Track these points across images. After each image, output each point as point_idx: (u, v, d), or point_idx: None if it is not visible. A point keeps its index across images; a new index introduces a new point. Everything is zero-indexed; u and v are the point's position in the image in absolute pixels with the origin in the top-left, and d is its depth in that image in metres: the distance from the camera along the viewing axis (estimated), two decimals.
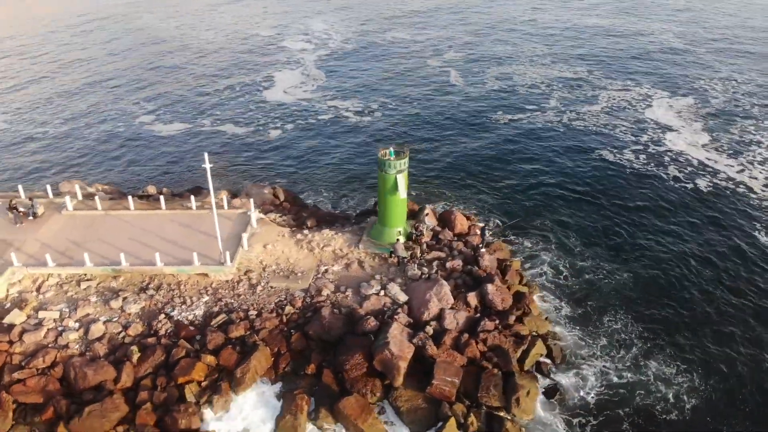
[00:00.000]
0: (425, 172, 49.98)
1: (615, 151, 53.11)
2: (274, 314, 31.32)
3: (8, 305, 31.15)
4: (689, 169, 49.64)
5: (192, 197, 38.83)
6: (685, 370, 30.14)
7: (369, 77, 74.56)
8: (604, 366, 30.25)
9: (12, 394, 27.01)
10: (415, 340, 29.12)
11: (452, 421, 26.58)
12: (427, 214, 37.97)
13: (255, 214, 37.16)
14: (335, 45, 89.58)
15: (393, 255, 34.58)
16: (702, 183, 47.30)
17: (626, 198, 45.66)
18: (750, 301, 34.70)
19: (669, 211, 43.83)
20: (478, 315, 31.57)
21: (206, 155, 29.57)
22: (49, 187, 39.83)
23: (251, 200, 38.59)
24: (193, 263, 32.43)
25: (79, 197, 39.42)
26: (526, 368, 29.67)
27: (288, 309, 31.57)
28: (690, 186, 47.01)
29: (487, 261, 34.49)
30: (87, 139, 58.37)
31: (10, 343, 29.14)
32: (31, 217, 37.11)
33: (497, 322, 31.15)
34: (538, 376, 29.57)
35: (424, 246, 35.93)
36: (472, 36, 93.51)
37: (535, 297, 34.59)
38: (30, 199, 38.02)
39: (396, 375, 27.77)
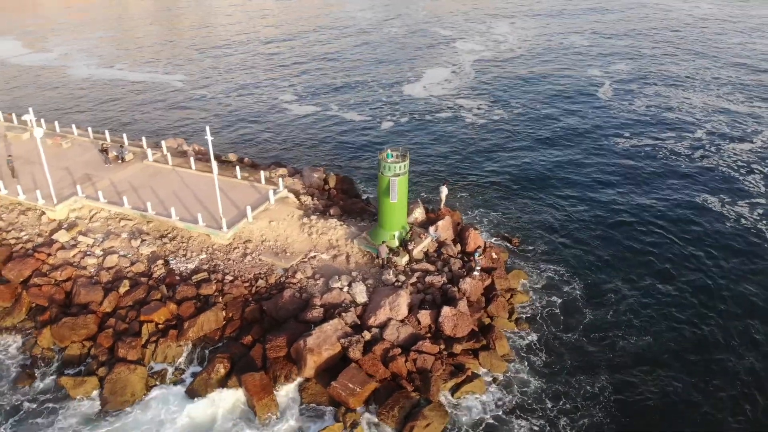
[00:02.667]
0: (496, 183, 47.97)
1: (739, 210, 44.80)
2: (247, 284, 33.60)
3: (65, 225, 38.15)
4: None
5: (237, 168, 42.77)
6: None
7: (514, 82, 72.45)
8: None
9: (29, 295, 33.50)
10: (342, 340, 29.09)
11: (337, 426, 26.33)
12: (437, 227, 36.72)
13: (283, 192, 39.74)
14: (505, 48, 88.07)
15: (378, 256, 34.43)
16: None
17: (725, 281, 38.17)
18: None
19: None
20: (427, 334, 30.17)
21: (207, 128, 32.82)
22: (144, 139, 47.10)
23: (292, 180, 41.27)
24: (199, 223, 36.12)
25: (164, 152, 45.88)
26: (455, 401, 27.89)
27: (260, 282, 33.61)
28: None
29: (468, 285, 32.44)
30: (223, 105, 66.61)
31: (48, 255, 35.87)
32: (120, 161, 44.42)
33: (442, 347, 29.50)
34: (457, 413, 27.50)
35: (415, 254, 35.01)
36: (656, 50, 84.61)
37: (516, 335, 31.74)
38: (121, 146, 45.49)
39: (302, 366, 28.19)
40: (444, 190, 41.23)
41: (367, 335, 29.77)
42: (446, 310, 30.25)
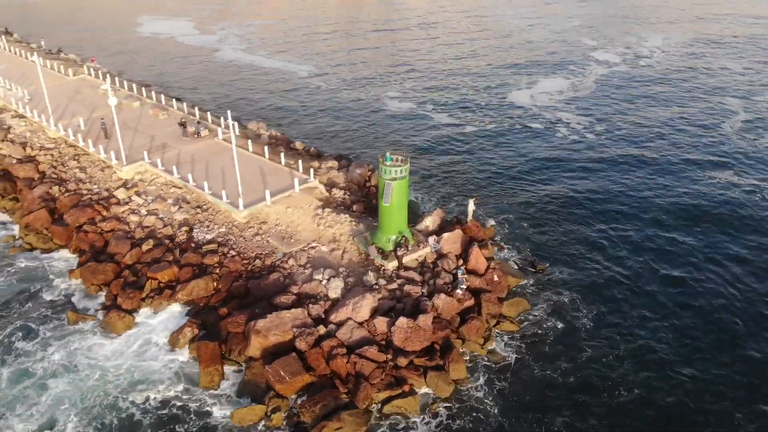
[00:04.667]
0: (555, 203, 45.05)
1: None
2: (246, 261, 35.78)
3: (128, 185, 43.49)
4: None
5: (282, 155, 45.14)
6: None
7: (633, 102, 66.73)
8: None
9: (76, 239, 39.00)
10: (295, 330, 29.93)
11: (261, 407, 27.33)
12: (440, 238, 35.69)
13: (312, 182, 41.37)
14: (644, 64, 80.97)
15: (368, 256, 34.56)
16: None
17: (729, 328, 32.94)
18: None
19: None
20: (382, 341, 29.80)
21: (229, 112, 35.26)
22: (222, 118, 51.54)
23: (337, 173, 42.87)
24: (223, 199, 39.05)
25: (237, 133, 49.85)
26: (385, 413, 27.44)
27: (257, 262, 35.61)
28: None
29: (441, 302, 31.36)
30: (330, 96, 69.80)
31: (103, 207, 41.28)
32: (196, 135, 49.26)
33: (389, 357, 29.01)
34: (379, 426, 26.97)
35: (407, 261, 34.44)
36: None
37: (485, 364, 30.06)
38: (198, 122, 50.27)
39: (248, 345, 29.59)
40: (471, 204, 39.86)
41: (322, 330, 30.30)
42: (401, 320, 29.64)
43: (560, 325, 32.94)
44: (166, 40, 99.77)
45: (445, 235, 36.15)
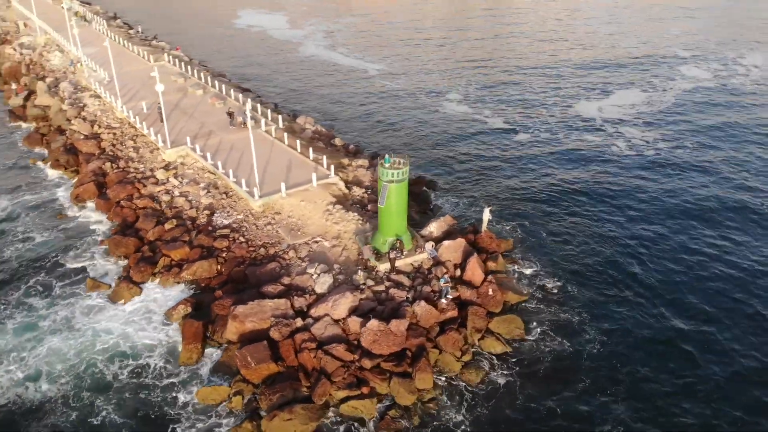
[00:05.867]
0: (596, 225, 42.70)
1: None
2: (252, 249, 37.12)
3: (169, 167, 46.40)
4: None
5: (310, 149, 46.03)
6: None
7: (712, 122, 61.30)
8: None
9: (113, 212, 42.23)
10: (273, 319, 30.74)
11: (225, 389, 28.42)
12: (439, 245, 35.05)
13: (332, 178, 42.09)
14: (735, 83, 74.25)
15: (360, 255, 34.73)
16: None
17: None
18: None
19: None
20: (354, 341, 29.89)
21: (249, 102, 36.53)
22: (269, 111, 53.46)
23: (365, 170, 43.50)
24: (242, 187, 40.67)
25: (279, 124, 51.65)
26: (341, 412, 27.61)
27: (261, 251, 36.85)
28: None
29: (420, 309, 30.93)
30: (389, 95, 70.25)
31: (143, 185, 44.32)
32: (242, 125, 51.53)
33: (356, 357, 29.06)
34: (331, 423, 27.15)
35: (400, 264, 34.20)
36: None
37: (458, 379, 29.36)
38: (244, 113, 52.42)
39: (225, 328, 30.72)
40: (486, 213, 38.80)
41: (299, 322, 30.92)
42: (372, 323, 29.56)
43: (553, 352, 31.09)
44: (257, 33, 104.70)
45: (445, 242, 35.51)
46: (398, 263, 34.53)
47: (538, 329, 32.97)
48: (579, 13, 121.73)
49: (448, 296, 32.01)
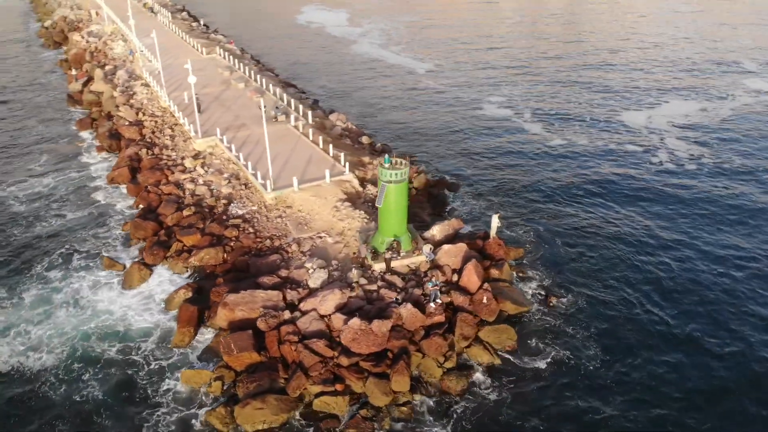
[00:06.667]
0: (621, 241, 41.10)
1: None
2: (259, 240, 38.05)
3: (198, 156, 48.14)
4: None
5: (330, 146, 46.50)
6: None
7: (764, 143, 57.48)
8: None
9: (140, 196, 44.31)
10: (262, 309, 31.43)
11: (208, 373, 29.38)
12: (437, 249, 34.69)
13: (347, 175, 42.50)
14: None
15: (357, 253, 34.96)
16: None
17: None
18: None
19: None
20: (337, 338, 30.13)
21: (261, 100, 37.45)
22: (300, 106, 54.41)
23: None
24: (258, 179, 41.70)
25: (309, 120, 52.51)
26: (313, 407, 27.96)
27: (267, 242, 37.71)
28: None
29: (405, 311, 30.74)
30: (431, 95, 69.94)
31: (170, 172, 46.24)
32: (274, 119, 52.78)
33: (335, 354, 29.31)
34: (302, 417, 27.56)
35: (396, 265, 34.12)
36: None
37: (436, 388, 29.13)
38: (277, 107, 53.62)
39: (214, 314, 31.68)
40: (495, 220, 38.04)
41: (287, 315, 31.49)
42: (354, 321, 29.70)
43: (545, 369, 30.10)
44: (315, 29, 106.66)
45: (445, 246, 35.15)
46: (394, 264, 34.52)
47: (534, 343, 32.09)
48: (645, 18, 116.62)
49: (437, 300, 31.70)
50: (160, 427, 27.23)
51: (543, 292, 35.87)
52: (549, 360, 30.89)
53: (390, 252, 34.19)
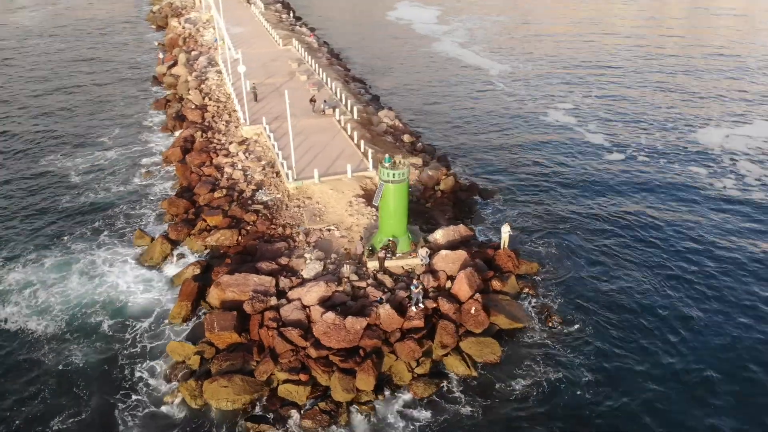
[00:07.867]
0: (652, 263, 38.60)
1: None
2: (273, 226, 39.44)
3: (243, 143, 50.43)
4: None
5: (362, 142, 46.87)
6: None
7: None
8: None
9: (183, 175, 47.22)
10: (252, 293, 32.67)
11: (190, 347, 31.06)
12: (433, 254, 34.17)
13: (369, 172, 42.88)
14: None
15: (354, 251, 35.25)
16: None
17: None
18: None
19: None
20: (311, 328, 30.76)
21: (286, 92, 38.56)
22: (349, 101, 55.22)
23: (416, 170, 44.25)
24: (284, 168, 43.09)
25: (354, 116, 53.31)
26: (278, 393, 28.82)
27: (279, 230, 38.99)
28: None
29: (383, 312, 30.71)
30: (495, 96, 68.35)
31: (215, 155, 48.83)
32: (322, 113, 54.05)
33: (309, 344, 29.91)
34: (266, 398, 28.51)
35: (390, 265, 34.09)
36: None
37: (401, 383, 29.04)
38: (325, 101, 54.77)
39: (207, 293, 33.34)
40: (505, 230, 36.83)
41: (273, 301, 32.53)
42: (328, 315, 30.16)
43: (524, 390, 28.87)
44: (402, 26, 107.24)
45: (443, 252, 34.63)
46: (389, 264, 34.55)
47: (519, 361, 30.91)
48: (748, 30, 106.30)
49: (419, 305, 31.39)
50: (137, 393, 29.13)
51: (547, 311, 34.37)
52: (530, 382, 29.57)
53: (384, 251, 34.25)
